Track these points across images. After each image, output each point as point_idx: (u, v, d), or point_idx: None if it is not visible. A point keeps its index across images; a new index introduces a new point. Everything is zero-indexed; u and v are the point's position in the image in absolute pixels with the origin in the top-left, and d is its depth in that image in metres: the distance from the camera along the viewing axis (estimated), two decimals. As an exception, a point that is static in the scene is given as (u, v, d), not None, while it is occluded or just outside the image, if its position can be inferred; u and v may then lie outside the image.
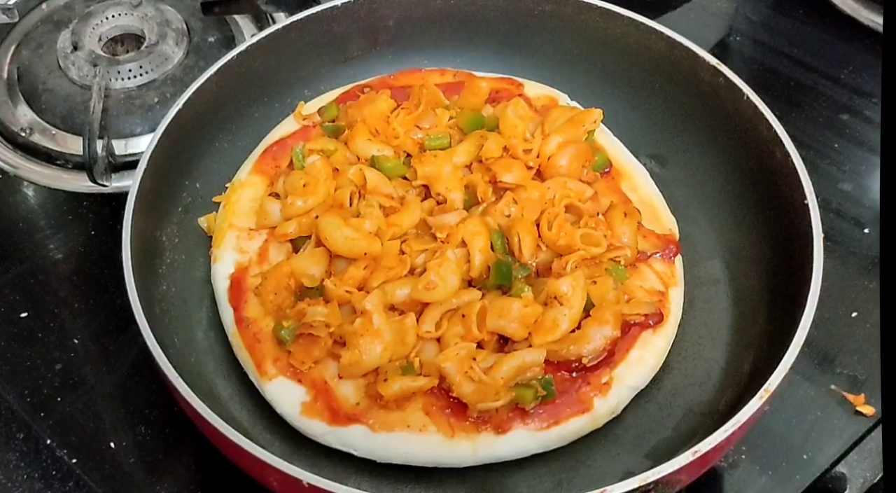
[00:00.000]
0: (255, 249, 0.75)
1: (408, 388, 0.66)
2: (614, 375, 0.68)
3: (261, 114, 0.84)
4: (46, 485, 0.71)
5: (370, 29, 0.85)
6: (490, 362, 0.66)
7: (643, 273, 0.73)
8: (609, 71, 0.84)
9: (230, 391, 0.71)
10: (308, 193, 0.74)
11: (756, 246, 0.74)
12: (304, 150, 0.78)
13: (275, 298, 0.70)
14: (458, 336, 0.67)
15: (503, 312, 0.67)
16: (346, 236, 0.70)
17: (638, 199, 0.78)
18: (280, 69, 0.84)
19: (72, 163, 0.91)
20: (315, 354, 0.68)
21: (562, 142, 0.76)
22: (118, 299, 0.78)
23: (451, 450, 0.65)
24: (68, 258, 0.85)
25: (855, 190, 0.88)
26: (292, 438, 0.68)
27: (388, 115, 0.79)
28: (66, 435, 0.73)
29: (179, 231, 0.77)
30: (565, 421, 0.66)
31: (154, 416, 0.74)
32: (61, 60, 0.96)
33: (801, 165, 0.69)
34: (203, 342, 0.74)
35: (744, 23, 1.05)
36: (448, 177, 0.74)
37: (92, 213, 0.88)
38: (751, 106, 0.74)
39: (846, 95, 0.96)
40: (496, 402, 0.64)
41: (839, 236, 0.84)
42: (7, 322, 0.80)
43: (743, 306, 0.73)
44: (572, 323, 0.67)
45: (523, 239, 0.70)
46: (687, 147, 0.81)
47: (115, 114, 0.92)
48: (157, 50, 0.95)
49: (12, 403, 0.75)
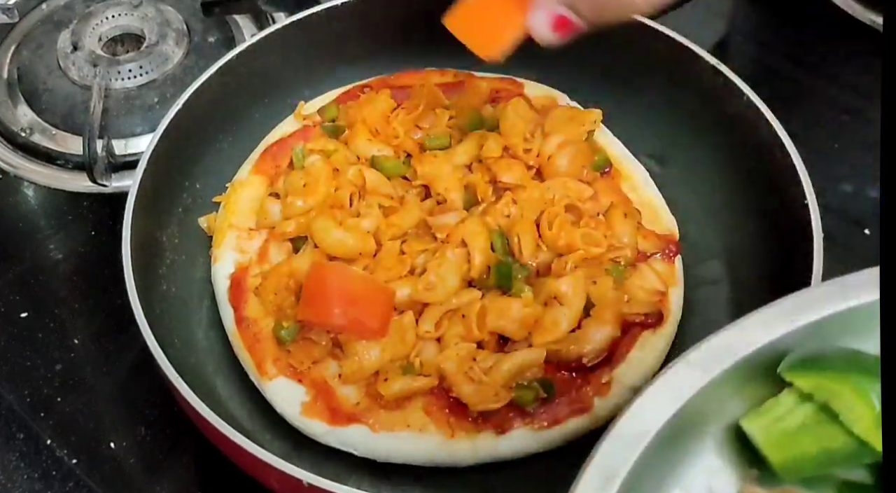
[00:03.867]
0: (255, 249, 0.75)
1: (408, 388, 0.66)
2: (614, 375, 0.68)
3: (261, 114, 0.84)
4: (46, 485, 0.71)
5: (370, 29, 0.85)
6: (490, 362, 0.66)
7: (643, 273, 0.73)
8: (609, 71, 0.84)
9: (230, 391, 0.71)
10: (308, 193, 0.74)
11: (756, 246, 0.74)
12: (304, 150, 0.78)
13: (275, 298, 0.70)
14: (458, 336, 0.67)
15: (503, 312, 0.67)
16: (338, 238, 0.70)
17: (638, 199, 0.78)
18: (280, 69, 0.84)
19: (72, 163, 0.91)
20: (314, 354, 0.68)
21: (562, 142, 0.76)
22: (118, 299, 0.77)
23: (451, 450, 0.65)
24: (68, 258, 0.85)
25: (855, 190, 0.88)
26: (292, 438, 0.68)
27: (388, 115, 0.79)
28: (66, 435, 0.73)
29: (179, 231, 0.77)
30: (565, 421, 0.66)
31: (154, 416, 0.74)
32: (61, 60, 0.96)
33: (801, 165, 0.69)
34: (203, 342, 0.74)
35: (744, 23, 1.05)
36: (448, 177, 0.74)
37: (92, 213, 0.88)
38: (751, 106, 0.73)
39: (846, 95, 0.96)
40: (496, 403, 0.64)
41: (839, 236, 0.84)
42: (7, 322, 0.80)
43: (743, 306, 0.73)
44: (572, 323, 0.67)
45: (523, 239, 0.70)
46: (687, 147, 0.81)
47: (115, 114, 0.92)
48: (157, 50, 0.95)
49: (12, 403, 0.75)
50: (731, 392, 0.43)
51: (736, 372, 0.41)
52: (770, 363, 0.42)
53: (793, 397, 0.42)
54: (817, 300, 0.43)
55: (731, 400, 0.43)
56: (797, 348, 0.42)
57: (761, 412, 0.43)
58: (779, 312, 0.43)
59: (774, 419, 0.42)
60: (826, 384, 0.41)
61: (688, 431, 0.42)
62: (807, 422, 0.41)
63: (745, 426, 0.43)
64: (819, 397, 0.41)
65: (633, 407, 0.40)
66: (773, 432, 0.42)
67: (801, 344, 0.42)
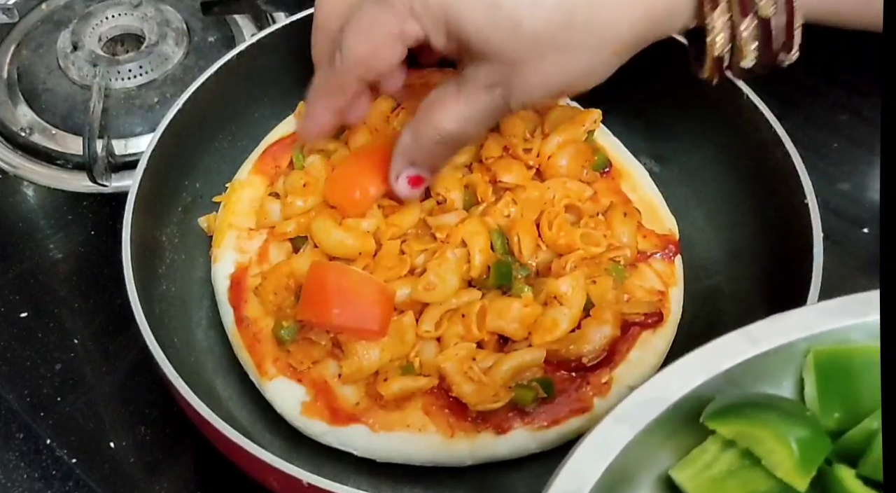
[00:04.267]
0: (255, 249, 0.75)
1: (408, 388, 0.66)
2: (614, 375, 0.68)
3: (261, 114, 0.84)
4: (46, 485, 0.71)
5: (370, 29, 0.85)
6: (490, 361, 0.66)
7: (643, 273, 0.73)
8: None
9: (230, 391, 0.71)
10: (308, 193, 0.74)
11: (756, 246, 0.74)
12: (304, 150, 0.78)
13: (275, 298, 0.70)
14: (458, 336, 0.67)
15: (503, 312, 0.67)
16: (338, 238, 0.70)
17: (638, 199, 0.78)
18: (280, 69, 0.83)
19: (72, 163, 0.91)
20: (314, 354, 0.68)
21: (562, 142, 0.76)
22: (118, 299, 0.78)
23: (450, 450, 0.65)
24: (68, 258, 0.85)
25: (854, 190, 0.88)
26: (292, 438, 0.68)
27: (388, 115, 0.79)
28: (66, 435, 0.73)
29: (179, 231, 0.77)
30: (565, 421, 0.66)
31: (154, 416, 0.74)
32: (61, 60, 0.96)
33: (801, 165, 0.69)
34: (203, 342, 0.74)
35: (744, 23, 1.05)
36: (448, 177, 0.74)
37: (92, 213, 0.88)
38: (751, 106, 0.73)
39: (846, 95, 0.96)
40: (496, 403, 0.64)
41: (839, 236, 0.84)
42: (7, 322, 0.80)
43: (743, 306, 0.73)
44: (572, 323, 0.67)
45: (523, 239, 0.70)
46: (687, 147, 0.81)
47: (115, 114, 0.92)
48: (157, 50, 0.95)
49: (12, 403, 0.75)
50: (659, 443, 0.43)
51: (662, 423, 0.42)
52: (694, 412, 0.43)
53: (717, 444, 0.43)
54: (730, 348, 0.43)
55: (661, 451, 0.44)
56: (717, 396, 0.43)
57: (688, 461, 0.43)
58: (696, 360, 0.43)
59: (701, 467, 0.43)
60: (746, 430, 0.41)
61: (621, 485, 0.43)
62: (732, 468, 0.42)
63: (675, 476, 0.43)
64: (741, 443, 0.41)
65: (567, 466, 0.40)
66: (701, 480, 0.42)
67: (720, 391, 0.43)
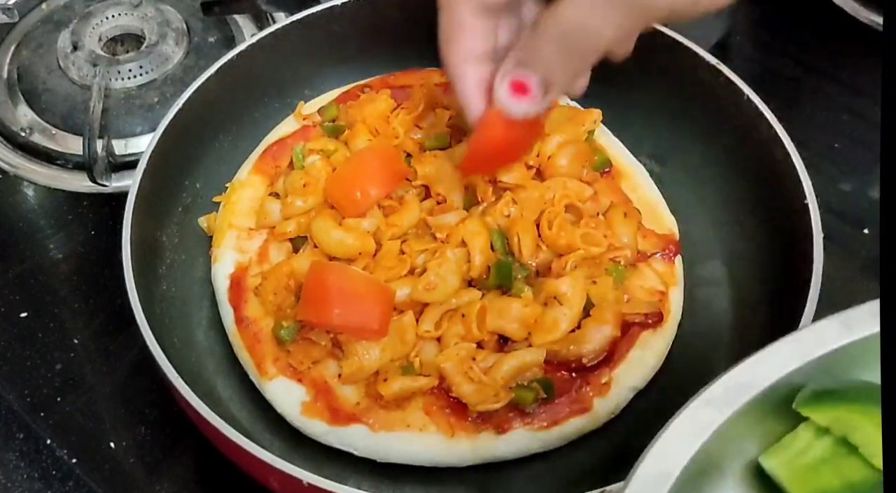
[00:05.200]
0: (255, 249, 0.75)
1: (408, 388, 0.66)
2: (614, 375, 0.68)
3: (261, 114, 0.84)
4: (46, 485, 0.71)
5: (370, 29, 0.85)
6: (490, 361, 0.66)
7: (643, 273, 0.73)
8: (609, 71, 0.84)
9: (230, 391, 0.71)
10: (308, 193, 0.74)
11: (756, 246, 0.74)
12: (304, 150, 0.78)
13: (275, 298, 0.70)
14: (458, 336, 0.67)
15: (503, 312, 0.67)
16: (338, 238, 0.70)
17: (638, 199, 0.78)
18: (280, 69, 0.84)
19: (72, 163, 0.91)
20: (314, 354, 0.68)
21: (562, 142, 0.76)
22: (118, 299, 0.78)
23: (450, 450, 0.65)
24: (68, 258, 0.85)
25: (855, 190, 0.88)
26: (292, 438, 0.68)
27: (388, 115, 0.79)
28: (66, 435, 0.73)
29: (179, 231, 0.77)
30: (565, 421, 0.66)
31: (154, 416, 0.74)
32: (61, 60, 0.96)
33: (801, 165, 0.69)
34: (203, 342, 0.74)
35: (744, 23, 1.05)
36: (448, 177, 0.74)
37: (92, 213, 0.88)
38: (751, 106, 0.73)
39: (846, 95, 0.96)
40: (496, 403, 0.64)
41: (839, 237, 0.84)
42: (7, 322, 0.80)
43: (743, 306, 0.73)
44: (572, 323, 0.67)
45: (523, 239, 0.70)
46: (687, 147, 0.81)
47: (115, 114, 0.92)
48: (157, 50, 0.95)
49: (12, 403, 0.75)
50: (748, 430, 0.42)
51: (752, 409, 0.41)
52: (785, 399, 0.42)
53: (810, 431, 0.42)
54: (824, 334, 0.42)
55: (749, 438, 0.43)
56: (810, 383, 0.42)
57: (780, 447, 0.42)
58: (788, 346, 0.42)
59: (794, 454, 0.42)
60: (843, 417, 0.40)
61: (709, 470, 0.42)
62: (826, 456, 0.41)
63: (766, 463, 0.42)
64: (837, 430, 0.41)
65: (656, 447, 0.39)
66: (795, 467, 0.41)
67: (813, 379, 0.42)
